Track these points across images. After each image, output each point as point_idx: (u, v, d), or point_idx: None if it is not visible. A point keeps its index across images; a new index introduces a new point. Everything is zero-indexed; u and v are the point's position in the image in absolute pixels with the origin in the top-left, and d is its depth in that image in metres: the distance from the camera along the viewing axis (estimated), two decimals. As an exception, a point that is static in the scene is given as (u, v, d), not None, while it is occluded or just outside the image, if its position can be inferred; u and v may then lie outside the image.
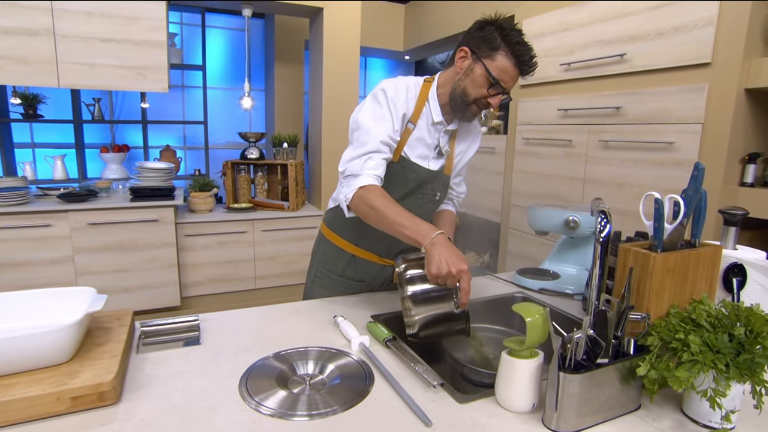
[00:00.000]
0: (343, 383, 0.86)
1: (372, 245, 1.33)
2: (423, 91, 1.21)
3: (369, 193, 1.06)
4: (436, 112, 1.21)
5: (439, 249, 0.94)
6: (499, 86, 1.09)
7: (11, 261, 2.51)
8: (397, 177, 1.22)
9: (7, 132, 3.37)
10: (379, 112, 1.15)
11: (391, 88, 1.16)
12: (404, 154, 1.23)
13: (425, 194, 1.29)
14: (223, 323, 1.13)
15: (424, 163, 1.25)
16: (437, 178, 1.28)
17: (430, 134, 1.23)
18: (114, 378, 0.79)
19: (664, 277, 0.77)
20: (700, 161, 1.82)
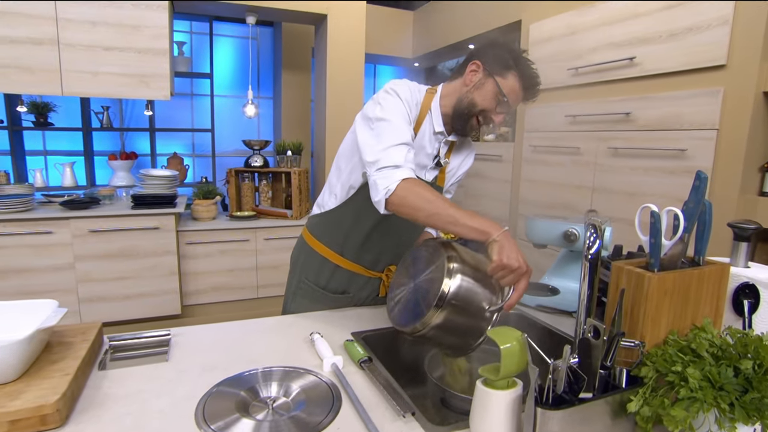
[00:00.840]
0: (308, 409, 0.79)
1: (359, 256, 1.27)
2: (426, 100, 1.19)
3: (417, 186, 0.96)
4: (438, 121, 1.18)
5: (512, 242, 0.87)
6: (506, 105, 1.10)
7: (13, 267, 2.52)
8: None
9: (19, 140, 3.42)
10: (400, 111, 1.09)
11: (405, 90, 1.12)
12: None
13: None
14: (195, 338, 1.08)
15: (421, 173, 1.21)
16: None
17: (431, 144, 1.20)
18: (58, 400, 0.74)
19: (662, 300, 0.68)
20: (715, 169, 1.71)
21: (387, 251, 1.28)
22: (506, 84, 1.09)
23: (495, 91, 1.09)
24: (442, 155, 1.22)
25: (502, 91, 1.09)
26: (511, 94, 1.10)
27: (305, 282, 1.30)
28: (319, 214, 1.30)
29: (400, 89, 1.12)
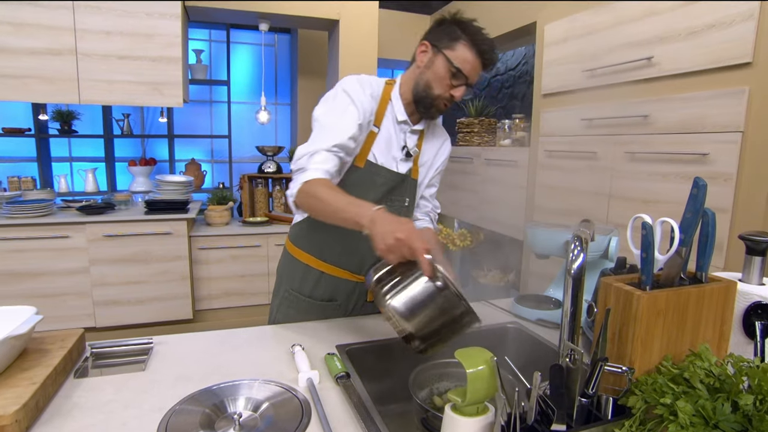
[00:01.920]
0: (274, 426, 0.75)
1: (341, 260, 1.23)
2: (385, 92, 1.18)
3: (313, 185, 0.98)
4: (400, 111, 1.18)
5: (381, 223, 0.85)
6: (461, 75, 1.08)
7: (32, 270, 2.58)
8: (365, 183, 1.17)
9: (45, 146, 3.54)
10: (345, 110, 1.09)
11: (356, 87, 1.11)
12: (371, 158, 1.17)
13: (394, 200, 1.23)
14: (177, 347, 1.05)
15: (392, 166, 1.20)
16: (405, 182, 1.23)
17: (396, 135, 1.20)
18: (18, 410, 0.72)
19: (653, 321, 0.61)
20: (740, 175, 1.59)
21: (369, 252, 1.21)
22: (456, 55, 1.08)
23: (446, 65, 1.08)
24: (411, 145, 1.20)
25: (452, 63, 1.07)
26: (464, 64, 1.07)
27: (290, 292, 1.27)
28: (299, 222, 1.28)
29: (348, 86, 1.11)
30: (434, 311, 0.81)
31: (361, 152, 1.16)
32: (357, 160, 1.17)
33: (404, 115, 1.18)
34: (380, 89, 1.17)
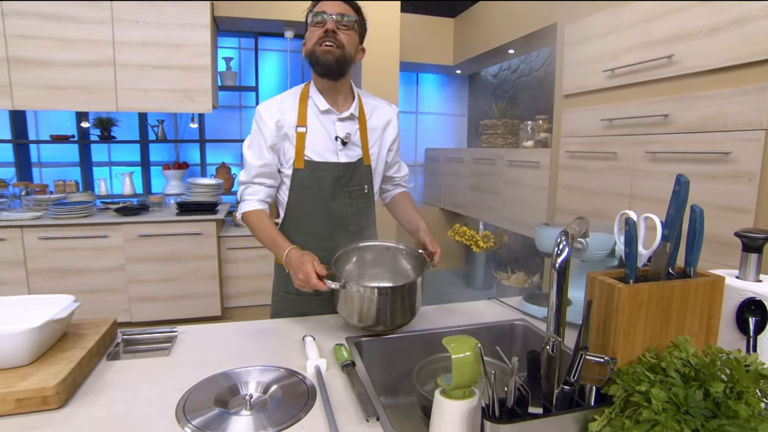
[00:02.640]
0: (281, 407, 0.81)
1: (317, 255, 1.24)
2: (303, 92, 1.28)
3: (247, 218, 1.26)
4: (320, 101, 1.25)
5: (289, 266, 1.12)
6: (318, 16, 1.17)
7: (74, 267, 2.77)
8: (309, 181, 1.24)
9: (87, 152, 3.76)
10: (254, 141, 1.25)
11: (260, 113, 1.24)
12: (307, 157, 1.24)
13: (353, 191, 1.29)
14: (198, 336, 1.13)
15: (332, 158, 1.26)
16: (357, 170, 1.28)
17: (325, 126, 1.26)
18: (58, 384, 0.81)
19: (635, 313, 0.64)
20: (764, 173, 1.55)
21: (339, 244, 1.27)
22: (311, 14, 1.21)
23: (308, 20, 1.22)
24: (342, 133, 1.26)
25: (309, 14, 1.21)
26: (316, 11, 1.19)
27: (279, 295, 1.35)
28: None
29: (256, 116, 1.26)
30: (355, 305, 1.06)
31: (297, 154, 1.24)
32: (296, 163, 1.24)
33: (325, 104, 1.25)
34: (297, 94, 1.27)
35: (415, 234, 1.32)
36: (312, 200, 1.26)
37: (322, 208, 1.26)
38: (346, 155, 1.27)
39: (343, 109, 1.28)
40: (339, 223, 1.29)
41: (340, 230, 1.29)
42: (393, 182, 1.49)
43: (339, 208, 1.27)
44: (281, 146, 1.24)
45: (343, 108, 1.28)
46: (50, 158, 3.76)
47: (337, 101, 1.28)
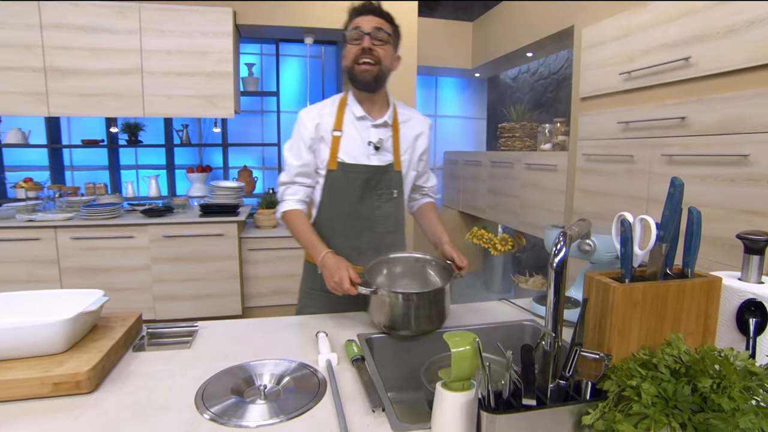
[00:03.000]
0: (293, 397, 0.86)
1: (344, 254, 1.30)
2: (342, 99, 1.35)
3: (288, 218, 1.34)
4: (357, 108, 1.32)
5: (324, 268, 1.20)
6: (355, 32, 1.24)
7: (102, 266, 2.89)
8: (341, 182, 1.31)
9: (115, 156, 3.92)
10: (294, 143, 1.34)
11: (301, 117, 1.33)
12: (340, 159, 1.31)
13: (381, 194, 1.34)
14: (218, 331, 1.19)
15: (364, 160, 1.32)
16: (387, 174, 1.34)
17: (359, 131, 1.32)
18: (89, 370, 0.87)
19: (630, 312, 0.66)
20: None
21: (366, 245, 1.35)
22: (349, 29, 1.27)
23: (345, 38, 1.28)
24: (375, 138, 1.32)
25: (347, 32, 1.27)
26: (353, 25, 1.25)
27: (306, 291, 1.41)
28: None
29: (298, 118, 1.34)
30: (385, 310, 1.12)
31: (331, 156, 1.31)
32: (330, 164, 1.32)
33: (361, 110, 1.32)
34: (334, 102, 1.35)
35: (438, 245, 1.38)
36: (341, 200, 1.32)
37: (350, 209, 1.32)
38: (378, 159, 1.33)
39: (378, 116, 1.34)
40: (366, 224, 1.34)
41: (367, 231, 1.35)
42: (421, 192, 1.54)
43: (366, 209, 1.33)
44: (318, 148, 1.32)
45: (378, 115, 1.34)
46: (81, 162, 3.94)
47: (373, 109, 1.34)
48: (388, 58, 1.27)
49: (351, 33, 1.25)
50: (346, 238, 1.34)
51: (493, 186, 3.81)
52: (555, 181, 2.86)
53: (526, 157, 3.24)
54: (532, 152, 3.24)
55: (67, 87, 2.84)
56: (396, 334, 1.13)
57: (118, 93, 2.88)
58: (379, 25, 1.25)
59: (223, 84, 3.00)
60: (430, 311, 1.11)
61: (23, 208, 2.94)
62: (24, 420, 0.79)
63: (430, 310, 1.11)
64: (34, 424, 0.78)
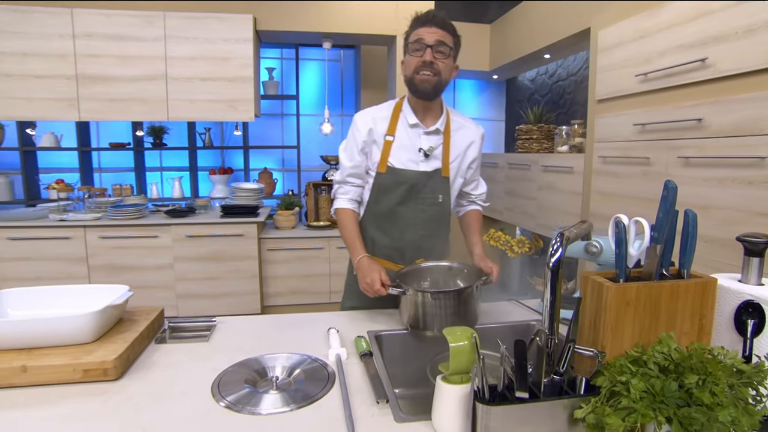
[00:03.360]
0: (303, 388, 0.90)
1: (385, 253, 1.43)
2: (397, 105, 1.40)
3: (338, 216, 1.42)
4: (410, 116, 1.37)
5: (358, 270, 1.27)
6: (417, 44, 1.27)
7: (129, 265, 3.01)
8: (388, 185, 1.37)
9: (141, 158, 4.06)
10: (348, 145, 1.41)
11: (356, 120, 1.40)
12: (390, 163, 1.36)
13: (425, 198, 1.39)
14: (235, 326, 1.25)
15: (412, 166, 1.37)
16: (433, 179, 1.38)
17: (410, 138, 1.37)
18: (116, 359, 0.94)
19: (623, 311, 0.68)
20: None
21: (408, 246, 1.42)
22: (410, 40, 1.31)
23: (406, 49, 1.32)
24: (426, 145, 1.36)
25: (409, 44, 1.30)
26: (415, 36, 1.29)
27: (351, 285, 1.48)
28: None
29: (352, 124, 1.40)
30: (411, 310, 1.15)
31: (381, 160, 1.37)
32: (380, 167, 1.37)
33: (414, 118, 1.36)
34: (390, 108, 1.40)
35: (471, 255, 1.43)
36: (387, 202, 1.38)
37: (394, 210, 1.38)
38: (426, 165, 1.37)
39: (431, 123, 1.38)
40: (409, 226, 1.40)
41: (410, 232, 1.40)
42: (469, 198, 1.57)
43: (410, 212, 1.39)
44: (370, 150, 1.38)
45: (431, 123, 1.38)
46: (109, 164, 4.10)
47: (427, 116, 1.38)
48: (447, 70, 1.31)
49: (413, 44, 1.28)
50: (389, 237, 1.41)
51: (510, 188, 3.81)
52: (571, 184, 2.85)
53: (542, 159, 3.23)
54: (548, 154, 3.23)
55: (97, 93, 2.98)
56: (422, 334, 1.15)
57: (144, 98, 3.00)
58: (442, 39, 1.27)
59: (244, 88, 3.09)
60: (455, 312, 1.12)
61: (55, 209, 3.08)
62: (57, 403, 0.86)
63: (456, 310, 1.12)
64: (66, 407, 0.84)
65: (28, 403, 0.86)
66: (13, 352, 0.96)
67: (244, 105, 3.11)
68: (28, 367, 0.91)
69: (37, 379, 0.92)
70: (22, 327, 0.97)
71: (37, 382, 0.92)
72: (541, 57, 3.70)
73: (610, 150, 2.41)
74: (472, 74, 4.76)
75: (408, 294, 1.15)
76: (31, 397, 0.87)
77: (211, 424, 0.79)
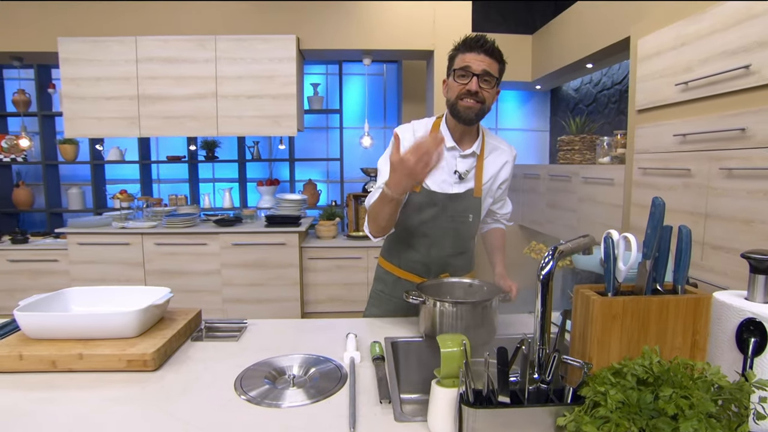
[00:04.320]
0: (316, 386, 0.98)
1: (411, 266, 1.47)
2: (435, 125, 1.40)
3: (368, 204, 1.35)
4: (448, 138, 1.36)
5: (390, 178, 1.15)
6: (463, 72, 1.25)
7: (180, 270, 3.24)
8: (421, 204, 1.38)
9: (195, 170, 4.36)
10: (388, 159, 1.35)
11: (398, 133, 1.36)
12: (425, 185, 1.37)
13: (455, 217, 1.39)
14: (264, 328, 1.35)
15: (446, 188, 1.37)
16: (465, 200, 1.38)
17: (447, 160, 1.37)
18: (154, 352, 1.06)
19: (609, 324, 0.70)
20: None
21: (434, 261, 1.44)
22: (456, 65, 1.27)
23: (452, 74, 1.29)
24: (463, 169, 1.36)
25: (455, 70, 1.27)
26: (462, 62, 1.25)
27: (376, 292, 1.55)
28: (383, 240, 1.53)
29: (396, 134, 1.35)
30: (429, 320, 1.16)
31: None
32: (415, 187, 1.37)
33: (452, 141, 1.37)
34: (428, 125, 1.40)
35: (492, 272, 1.45)
36: (418, 220, 1.39)
37: (424, 228, 1.39)
38: (459, 187, 1.38)
39: (467, 146, 1.37)
40: (437, 243, 1.41)
41: (438, 249, 1.42)
42: (494, 217, 1.57)
43: (440, 230, 1.39)
44: None
45: (468, 146, 1.37)
46: (166, 175, 4.43)
47: (464, 139, 1.38)
48: (491, 98, 1.28)
49: (459, 70, 1.25)
50: (418, 253, 1.43)
51: (551, 200, 3.74)
52: (612, 196, 2.77)
53: (583, 170, 3.16)
54: (589, 166, 3.16)
55: (155, 111, 3.26)
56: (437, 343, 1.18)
57: (196, 115, 3.25)
58: (489, 68, 1.24)
59: (287, 105, 3.26)
60: (471, 323, 1.13)
61: (118, 217, 3.38)
62: (104, 387, 0.99)
63: (472, 322, 1.13)
64: (112, 391, 0.97)
65: (82, 386, 0.99)
66: (73, 341, 1.11)
67: (287, 120, 3.29)
68: (84, 355, 1.05)
69: (90, 366, 1.05)
70: (79, 320, 1.11)
71: (90, 368, 1.05)
72: (583, 66, 3.63)
73: (650, 161, 2.33)
74: (515, 85, 4.73)
75: (427, 303, 1.19)
76: (86, 381, 1.01)
77: (231, 414, 0.87)
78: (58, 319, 1.13)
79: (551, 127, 5.00)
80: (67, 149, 3.98)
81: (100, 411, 0.89)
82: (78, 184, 4.26)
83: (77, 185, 4.22)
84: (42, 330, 1.12)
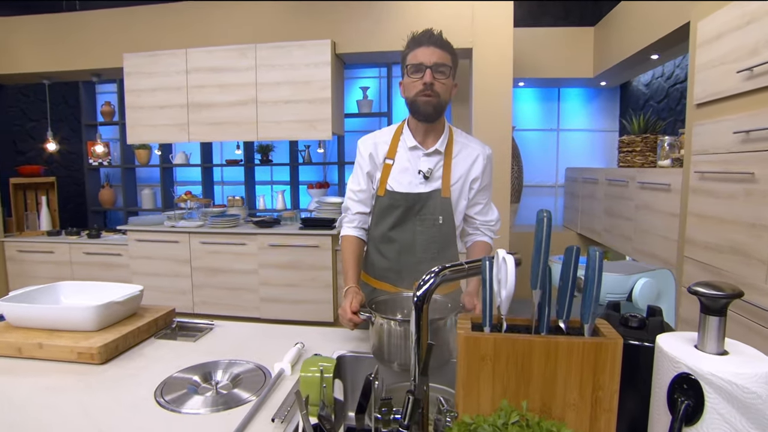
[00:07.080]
0: (231, 396, 0.95)
1: (384, 275, 1.42)
2: (398, 129, 1.40)
3: (342, 243, 1.43)
4: (410, 138, 1.36)
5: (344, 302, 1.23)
6: (416, 66, 1.25)
7: (221, 268, 3.40)
8: (386, 208, 1.36)
9: (251, 173, 4.57)
10: (354, 170, 1.43)
11: (359, 146, 1.42)
12: (390, 186, 1.35)
13: (424, 219, 1.34)
14: (228, 331, 1.35)
15: (411, 189, 1.34)
16: (432, 200, 1.33)
17: (411, 161, 1.35)
18: (101, 346, 1.10)
19: (475, 366, 0.57)
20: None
21: (405, 269, 1.37)
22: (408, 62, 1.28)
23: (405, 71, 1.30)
24: (425, 167, 1.33)
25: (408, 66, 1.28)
26: (414, 59, 1.27)
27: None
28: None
29: (358, 147, 1.43)
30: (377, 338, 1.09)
31: (381, 183, 1.36)
32: (379, 191, 1.37)
33: (413, 140, 1.35)
34: (391, 131, 1.41)
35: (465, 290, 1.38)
36: (385, 224, 1.37)
37: (392, 232, 1.36)
38: (425, 186, 1.34)
39: (431, 145, 1.35)
40: (406, 249, 1.36)
41: (408, 254, 1.36)
42: (473, 225, 1.45)
43: (408, 234, 1.35)
44: (374, 175, 1.40)
45: (432, 144, 1.35)
46: (227, 178, 4.70)
47: (428, 138, 1.36)
48: (447, 90, 1.29)
49: (412, 66, 1.27)
50: (387, 260, 1.39)
51: (608, 206, 3.38)
52: (668, 203, 2.42)
53: (639, 174, 2.81)
54: (646, 169, 2.80)
55: (202, 117, 3.47)
56: (390, 366, 1.04)
57: (237, 121, 3.40)
58: (441, 60, 1.24)
59: (322, 109, 3.29)
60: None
61: (172, 216, 3.64)
62: (50, 375, 1.05)
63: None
64: (55, 380, 1.02)
65: (37, 372, 1.06)
66: (38, 331, 1.19)
67: (323, 125, 3.32)
68: (44, 345, 1.12)
69: (48, 355, 1.12)
70: (40, 312, 1.19)
71: (49, 357, 1.12)
72: (647, 59, 3.23)
73: (709, 164, 1.99)
74: (577, 82, 4.36)
75: (374, 321, 1.10)
76: (41, 369, 1.08)
77: (132, 415, 0.88)
78: (25, 310, 1.22)
79: (621, 126, 4.53)
80: (141, 154, 4.40)
81: (32, 398, 0.94)
82: (150, 185, 4.69)
83: (149, 186, 4.64)
84: (17, 319, 1.22)
